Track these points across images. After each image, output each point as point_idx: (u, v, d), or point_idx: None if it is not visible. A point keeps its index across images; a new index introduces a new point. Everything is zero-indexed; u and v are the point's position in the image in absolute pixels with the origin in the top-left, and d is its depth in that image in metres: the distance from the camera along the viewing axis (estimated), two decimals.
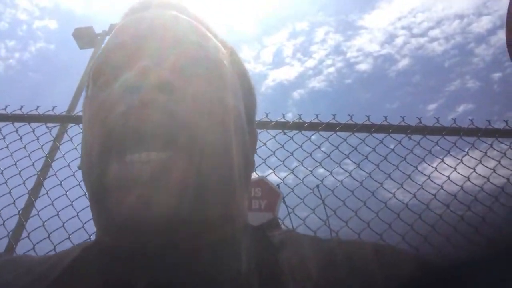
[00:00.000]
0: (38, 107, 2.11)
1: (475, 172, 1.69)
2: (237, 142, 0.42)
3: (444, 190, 1.65)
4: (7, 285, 0.40)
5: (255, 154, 0.57)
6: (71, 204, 1.76)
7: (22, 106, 2.10)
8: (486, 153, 1.73)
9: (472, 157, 1.77)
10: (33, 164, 1.95)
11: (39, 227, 1.74)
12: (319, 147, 1.88)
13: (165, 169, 0.34)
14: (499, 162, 1.68)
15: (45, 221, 1.75)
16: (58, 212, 1.76)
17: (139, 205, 0.33)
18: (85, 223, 1.69)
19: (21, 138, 2.01)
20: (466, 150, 1.77)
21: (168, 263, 0.36)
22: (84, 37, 6.49)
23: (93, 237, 1.64)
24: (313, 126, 1.92)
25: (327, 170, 1.78)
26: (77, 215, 1.73)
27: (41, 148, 2.01)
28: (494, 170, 1.64)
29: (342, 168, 1.79)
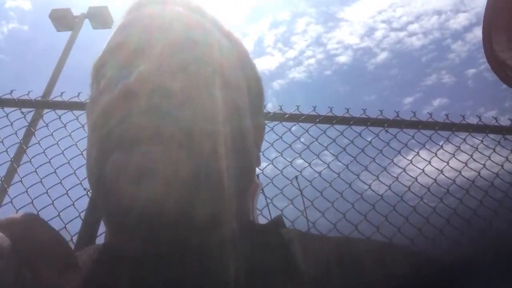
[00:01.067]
0: (12, 91, 2.05)
1: (448, 165, 1.74)
2: (239, 139, 0.42)
3: (418, 183, 1.70)
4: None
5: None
6: (47, 192, 1.73)
7: None
8: (459, 147, 1.78)
9: (446, 151, 1.83)
10: (6, 151, 1.90)
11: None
12: (298, 138, 1.89)
13: (162, 161, 0.35)
14: (471, 156, 1.74)
15: (19, 208, 1.71)
16: (32, 200, 1.72)
17: (138, 195, 0.34)
18: (61, 210, 1.66)
19: None
20: (441, 144, 1.82)
21: (173, 263, 0.36)
22: (61, 19, 6.29)
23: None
24: (294, 118, 1.93)
25: (306, 162, 1.80)
26: (52, 204, 1.70)
27: (15, 133, 1.96)
28: (466, 164, 1.70)
29: (321, 160, 1.82)
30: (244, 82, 0.49)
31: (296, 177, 1.69)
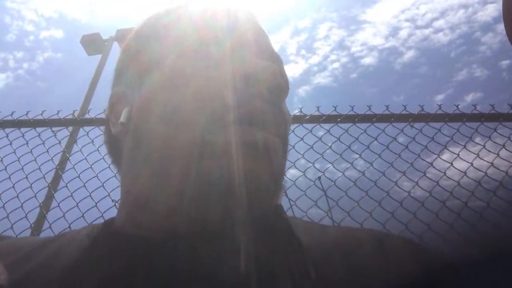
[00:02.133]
0: (43, 111, 2.15)
1: (479, 157, 1.66)
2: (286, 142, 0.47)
3: (447, 177, 1.62)
4: (6, 269, 0.39)
5: None
6: (77, 205, 1.80)
7: (28, 112, 2.15)
8: (490, 137, 1.70)
9: (477, 143, 1.74)
10: (39, 168, 1.99)
11: (46, 228, 1.78)
12: (320, 139, 1.87)
13: (272, 147, 0.39)
14: (504, 146, 1.65)
15: (52, 222, 1.78)
16: (64, 214, 1.79)
17: (252, 169, 0.37)
18: (91, 223, 1.71)
19: (27, 142, 2.06)
20: (469, 136, 1.74)
21: (187, 247, 0.37)
22: (91, 43, 6.58)
23: None
24: (314, 119, 1.91)
25: (328, 161, 1.77)
26: (83, 216, 1.76)
27: (47, 151, 2.05)
28: (498, 155, 1.61)
29: (344, 159, 1.78)
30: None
31: (319, 177, 1.66)
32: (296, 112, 1.92)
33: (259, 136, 0.38)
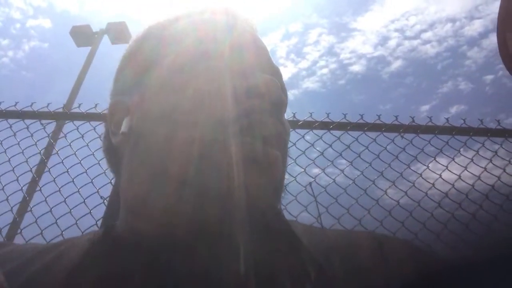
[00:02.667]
0: (32, 103, 2.11)
1: (467, 170, 1.70)
2: (286, 153, 0.47)
3: (436, 189, 1.66)
4: (10, 274, 0.39)
5: None
6: (65, 201, 1.77)
7: (16, 103, 2.11)
8: (478, 152, 1.74)
9: (465, 156, 1.78)
10: (26, 161, 1.95)
11: (32, 223, 1.74)
12: (312, 145, 1.89)
13: (273, 162, 0.39)
14: (491, 160, 1.69)
15: (38, 217, 1.75)
16: (51, 209, 1.76)
17: (254, 185, 0.38)
18: (78, 219, 1.69)
19: (15, 134, 2.02)
20: (459, 149, 1.78)
21: (187, 251, 0.38)
22: (81, 35, 6.49)
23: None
24: (308, 124, 1.93)
25: (320, 168, 1.78)
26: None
27: (35, 144, 2.01)
28: (485, 169, 1.65)
29: (335, 166, 1.80)
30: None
31: (310, 183, 1.68)
32: (289, 117, 1.93)
33: (259, 150, 0.38)
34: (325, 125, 1.92)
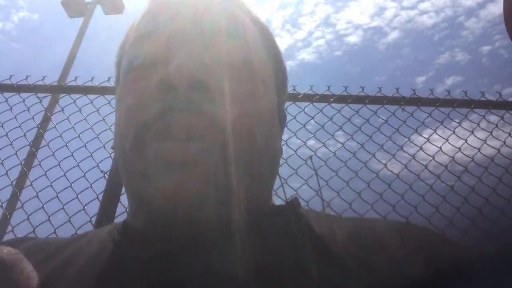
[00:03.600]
0: (27, 76, 2.07)
1: (467, 143, 1.70)
2: (268, 134, 0.43)
3: (436, 161, 1.67)
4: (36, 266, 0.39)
5: None
6: (65, 175, 1.77)
7: (11, 76, 2.07)
8: (478, 124, 1.74)
9: (465, 129, 1.78)
10: (24, 135, 1.93)
11: (33, 197, 1.75)
12: (312, 118, 1.88)
13: (194, 157, 0.35)
14: (491, 133, 1.70)
15: (39, 191, 1.76)
16: (51, 183, 1.76)
17: (171, 187, 0.35)
18: (80, 192, 1.70)
19: (11, 108, 1.99)
20: (459, 122, 1.77)
21: (190, 248, 0.37)
22: (73, 5, 6.31)
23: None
24: (308, 98, 1.91)
25: (320, 141, 1.78)
26: (71, 186, 1.74)
27: (33, 118, 1.99)
28: (485, 141, 1.66)
29: (335, 139, 1.80)
30: (272, 71, 0.49)
31: (311, 157, 1.68)
32: (289, 90, 1.91)
33: (177, 151, 0.35)
34: (326, 98, 1.90)
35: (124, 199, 1.50)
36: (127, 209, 0.47)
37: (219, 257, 0.36)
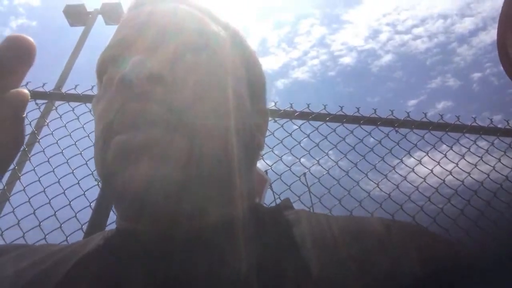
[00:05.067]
0: (27, 83, 2.08)
1: (458, 167, 1.73)
2: (236, 121, 0.43)
3: (427, 183, 1.69)
4: (20, 273, 0.40)
5: None
6: (58, 182, 1.77)
7: None
8: (469, 149, 1.78)
9: (456, 153, 1.82)
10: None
11: (24, 203, 1.74)
12: (308, 136, 1.90)
13: (158, 142, 0.36)
14: (481, 158, 1.73)
15: (30, 197, 1.75)
16: (44, 189, 1.76)
17: (135, 178, 0.35)
18: (72, 199, 1.69)
19: None
20: (451, 146, 1.81)
21: (180, 247, 0.37)
22: (75, 14, 6.36)
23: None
24: (304, 116, 1.94)
25: (315, 159, 1.80)
26: (64, 193, 1.73)
27: (30, 124, 1.99)
28: (475, 166, 1.69)
29: (329, 158, 1.82)
30: (241, 68, 0.50)
31: (305, 174, 1.70)
32: (287, 107, 1.94)
33: (132, 139, 0.36)
34: (322, 117, 1.93)
35: None
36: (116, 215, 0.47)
37: (209, 255, 0.36)
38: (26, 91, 0.30)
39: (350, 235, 0.38)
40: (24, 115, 0.31)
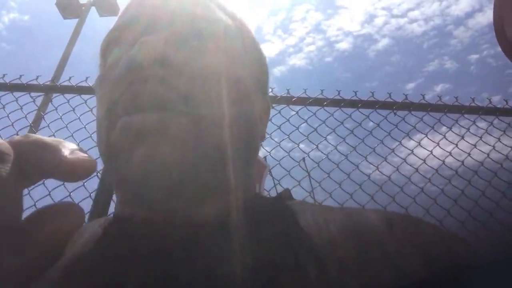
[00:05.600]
0: (21, 76, 2.07)
1: (458, 148, 1.73)
2: (241, 110, 0.43)
3: (427, 165, 1.69)
4: None
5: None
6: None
7: (4, 75, 2.06)
8: (468, 129, 1.77)
9: (456, 134, 1.81)
10: (17, 134, 1.92)
11: (25, 195, 1.73)
12: (306, 121, 1.89)
13: (161, 125, 0.35)
14: (481, 138, 1.73)
15: (30, 189, 1.74)
16: (43, 181, 1.75)
17: (141, 160, 0.35)
18: (72, 190, 1.69)
19: (4, 107, 1.98)
20: (450, 127, 1.80)
21: (180, 234, 0.37)
22: (68, 7, 6.30)
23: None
24: (301, 101, 1.93)
25: (313, 144, 1.80)
26: (63, 185, 1.73)
27: (25, 117, 1.98)
28: (475, 146, 1.69)
29: (328, 142, 1.81)
30: (247, 58, 0.49)
31: (304, 159, 1.69)
32: (283, 93, 1.93)
33: (143, 121, 0.36)
34: (319, 102, 1.92)
35: None
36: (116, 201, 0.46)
37: (211, 247, 0.36)
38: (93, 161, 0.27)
39: (351, 230, 0.38)
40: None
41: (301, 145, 1.81)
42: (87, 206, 1.55)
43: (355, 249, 0.36)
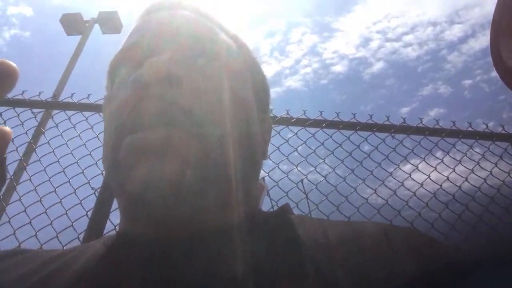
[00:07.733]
0: (23, 91, 2.08)
1: (455, 172, 1.74)
2: (243, 128, 0.44)
3: (424, 189, 1.69)
4: (20, 279, 0.40)
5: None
6: (55, 191, 1.75)
7: None
8: (465, 154, 1.78)
9: (453, 158, 1.83)
10: (17, 149, 1.93)
11: (20, 212, 1.73)
12: (305, 142, 1.90)
13: (165, 143, 0.36)
14: (478, 163, 1.74)
15: (28, 206, 1.74)
16: (40, 198, 1.75)
17: (143, 175, 0.36)
18: (69, 208, 1.68)
19: (5, 122, 1.99)
20: (447, 151, 1.82)
21: (183, 250, 0.37)
22: (71, 23, 6.38)
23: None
24: (300, 122, 1.94)
25: (312, 165, 1.80)
26: (60, 202, 1.72)
27: (26, 133, 1.99)
28: (472, 171, 1.70)
29: (327, 164, 1.82)
30: (249, 78, 0.51)
31: (302, 180, 1.70)
32: (283, 114, 1.95)
33: (147, 137, 0.37)
34: (318, 124, 1.94)
35: (113, 216, 1.49)
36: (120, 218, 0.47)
37: (211, 257, 0.37)
38: (8, 129, 0.29)
39: (349, 237, 0.39)
40: (5, 155, 0.29)
41: (299, 167, 1.82)
42: (83, 224, 1.55)
43: (353, 254, 0.37)
